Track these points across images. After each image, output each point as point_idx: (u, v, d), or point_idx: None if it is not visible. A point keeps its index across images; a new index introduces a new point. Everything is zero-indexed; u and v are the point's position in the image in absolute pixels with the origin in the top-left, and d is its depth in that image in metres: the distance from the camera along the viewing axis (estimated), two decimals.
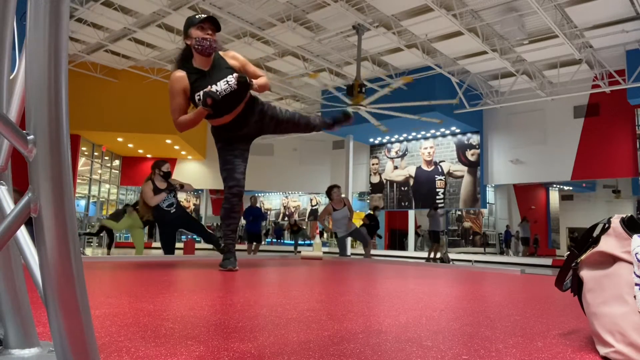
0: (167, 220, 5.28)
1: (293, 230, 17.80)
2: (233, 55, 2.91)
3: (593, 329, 0.93)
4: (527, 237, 18.59)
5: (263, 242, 11.64)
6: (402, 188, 16.44)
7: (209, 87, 2.71)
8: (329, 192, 7.03)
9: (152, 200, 5.20)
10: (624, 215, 0.93)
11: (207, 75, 2.76)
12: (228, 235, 3.03)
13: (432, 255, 12.27)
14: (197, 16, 2.79)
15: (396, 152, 16.73)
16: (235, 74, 2.78)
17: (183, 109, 2.78)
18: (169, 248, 5.30)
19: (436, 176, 15.64)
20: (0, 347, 0.69)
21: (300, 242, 17.99)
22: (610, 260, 0.91)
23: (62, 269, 0.53)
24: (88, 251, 14.34)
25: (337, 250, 7.96)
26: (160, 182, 5.37)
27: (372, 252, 8.19)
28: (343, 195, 7.22)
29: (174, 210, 5.29)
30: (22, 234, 0.66)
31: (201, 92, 2.72)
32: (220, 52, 2.87)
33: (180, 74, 2.76)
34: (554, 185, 21.57)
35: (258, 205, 12.06)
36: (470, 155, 14.95)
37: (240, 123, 2.93)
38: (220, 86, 2.73)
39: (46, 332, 0.91)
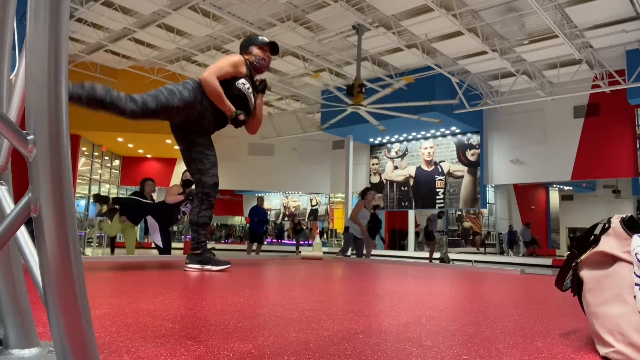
0: (169, 218, 5.68)
1: (296, 230, 17.78)
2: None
3: (593, 329, 0.93)
4: (528, 241, 18.59)
5: (263, 243, 11.68)
6: (402, 188, 16.44)
7: (251, 88, 2.98)
8: (364, 193, 7.38)
9: (169, 197, 5.77)
10: (624, 215, 0.93)
11: (251, 80, 3.03)
12: (205, 235, 2.91)
13: (433, 255, 12.31)
14: (260, 37, 3.11)
15: (396, 152, 16.72)
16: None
17: (223, 76, 2.84)
18: (169, 245, 5.63)
19: (436, 176, 15.63)
20: (0, 347, 0.69)
21: (301, 242, 17.98)
22: (610, 260, 0.91)
23: (62, 269, 0.53)
24: (88, 251, 14.34)
25: (336, 250, 7.94)
26: (178, 187, 5.81)
27: (372, 252, 8.21)
28: (374, 203, 7.48)
29: (180, 217, 5.79)
30: (22, 234, 0.66)
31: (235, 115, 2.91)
32: None
33: (244, 62, 2.97)
34: (554, 185, 21.57)
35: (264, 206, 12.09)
36: (470, 155, 14.95)
37: (218, 121, 2.95)
38: (252, 97, 3.02)
39: (46, 332, 0.91)
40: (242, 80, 2.89)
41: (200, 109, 2.82)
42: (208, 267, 2.79)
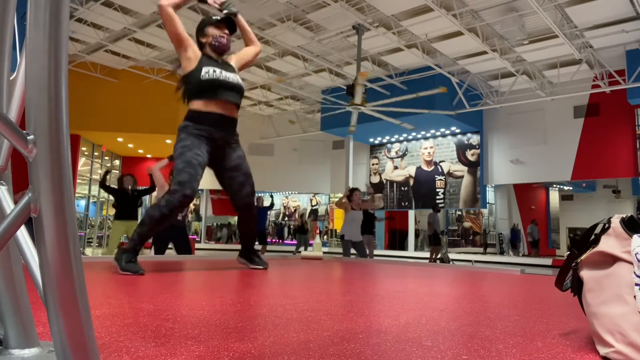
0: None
1: (303, 229, 17.66)
2: (233, 57, 3.00)
3: (593, 329, 0.93)
4: (537, 239, 18.52)
5: (266, 243, 11.62)
6: (402, 188, 16.44)
7: (219, 70, 2.74)
8: (349, 195, 7.28)
9: (159, 184, 5.41)
10: (624, 215, 0.93)
11: (217, 62, 2.81)
12: (145, 238, 2.60)
13: (434, 256, 12.28)
14: (213, 17, 2.90)
15: (396, 152, 16.72)
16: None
17: (179, 23, 2.70)
18: (160, 248, 5.30)
19: (436, 176, 15.63)
20: (0, 347, 0.69)
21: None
22: (610, 260, 0.91)
23: (62, 269, 0.53)
24: (88, 251, 14.34)
25: (336, 250, 7.92)
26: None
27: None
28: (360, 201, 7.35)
29: (180, 218, 5.32)
30: (22, 234, 0.66)
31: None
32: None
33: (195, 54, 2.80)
34: (554, 185, 21.56)
35: (264, 204, 12.05)
36: (470, 155, 14.95)
37: (224, 126, 2.76)
38: (229, 76, 2.78)
39: (46, 332, 0.91)
40: (204, 70, 2.68)
41: (202, 132, 2.67)
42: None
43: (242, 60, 3.03)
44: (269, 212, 16.95)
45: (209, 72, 2.68)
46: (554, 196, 22.41)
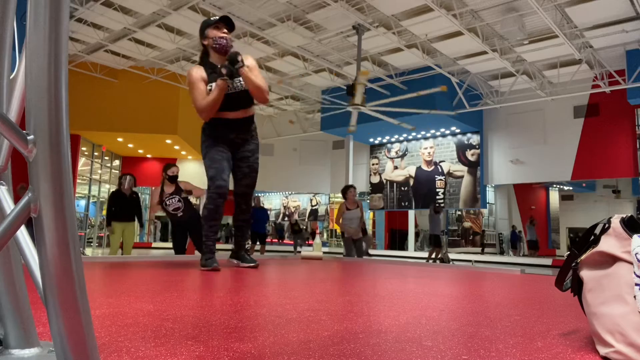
0: (174, 222, 5.60)
1: (294, 230, 17.73)
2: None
3: (593, 329, 0.93)
4: (535, 239, 18.47)
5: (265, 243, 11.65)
6: (402, 188, 16.44)
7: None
8: (344, 192, 7.22)
9: (152, 209, 5.72)
10: (624, 215, 0.93)
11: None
12: (210, 236, 3.04)
13: (433, 256, 12.25)
14: (212, 17, 3.07)
15: (396, 152, 16.72)
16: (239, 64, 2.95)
17: (205, 95, 2.92)
18: (179, 248, 5.56)
19: (436, 176, 15.63)
20: (0, 347, 0.69)
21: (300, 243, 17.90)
22: (610, 260, 0.91)
23: (62, 269, 0.53)
24: (88, 251, 14.34)
25: (336, 250, 7.93)
26: (168, 186, 5.60)
27: (372, 252, 8.19)
28: (356, 198, 7.30)
29: (181, 214, 5.53)
30: (22, 234, 0.66)
31: (219, 69, 2.92)
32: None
33: (197, 67, 3.02)
34: (554, 185, 21.57)
35: (262, 205, 12.08)
36: (470, 155, 14.95)
37: (237, 126, 3.07)
38: (235, 82, 2.97)
39: (46, 332, 0.91)
40: (211, 86, 2.94)
41: (217, 133, 3.00)
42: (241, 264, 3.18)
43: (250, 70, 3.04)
44: (268, 212, 16.95)
45: (212, 86, 2.94)
46: (554, 196, 22.41)
